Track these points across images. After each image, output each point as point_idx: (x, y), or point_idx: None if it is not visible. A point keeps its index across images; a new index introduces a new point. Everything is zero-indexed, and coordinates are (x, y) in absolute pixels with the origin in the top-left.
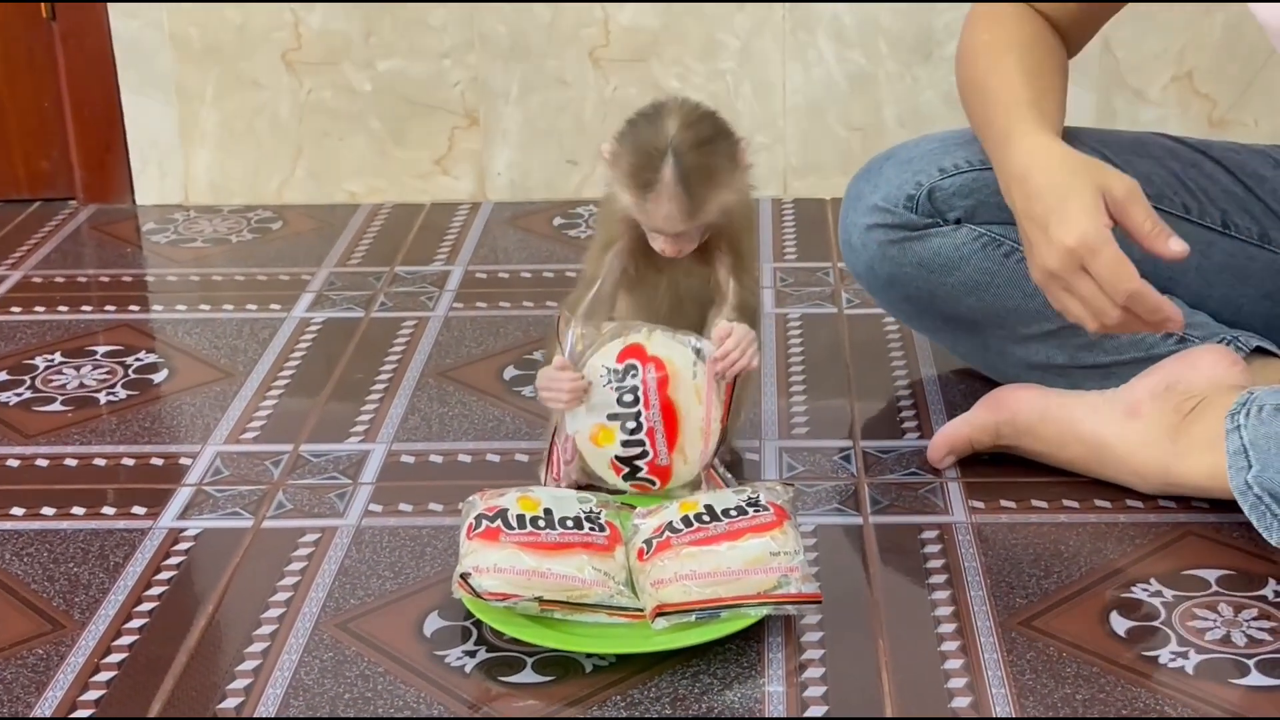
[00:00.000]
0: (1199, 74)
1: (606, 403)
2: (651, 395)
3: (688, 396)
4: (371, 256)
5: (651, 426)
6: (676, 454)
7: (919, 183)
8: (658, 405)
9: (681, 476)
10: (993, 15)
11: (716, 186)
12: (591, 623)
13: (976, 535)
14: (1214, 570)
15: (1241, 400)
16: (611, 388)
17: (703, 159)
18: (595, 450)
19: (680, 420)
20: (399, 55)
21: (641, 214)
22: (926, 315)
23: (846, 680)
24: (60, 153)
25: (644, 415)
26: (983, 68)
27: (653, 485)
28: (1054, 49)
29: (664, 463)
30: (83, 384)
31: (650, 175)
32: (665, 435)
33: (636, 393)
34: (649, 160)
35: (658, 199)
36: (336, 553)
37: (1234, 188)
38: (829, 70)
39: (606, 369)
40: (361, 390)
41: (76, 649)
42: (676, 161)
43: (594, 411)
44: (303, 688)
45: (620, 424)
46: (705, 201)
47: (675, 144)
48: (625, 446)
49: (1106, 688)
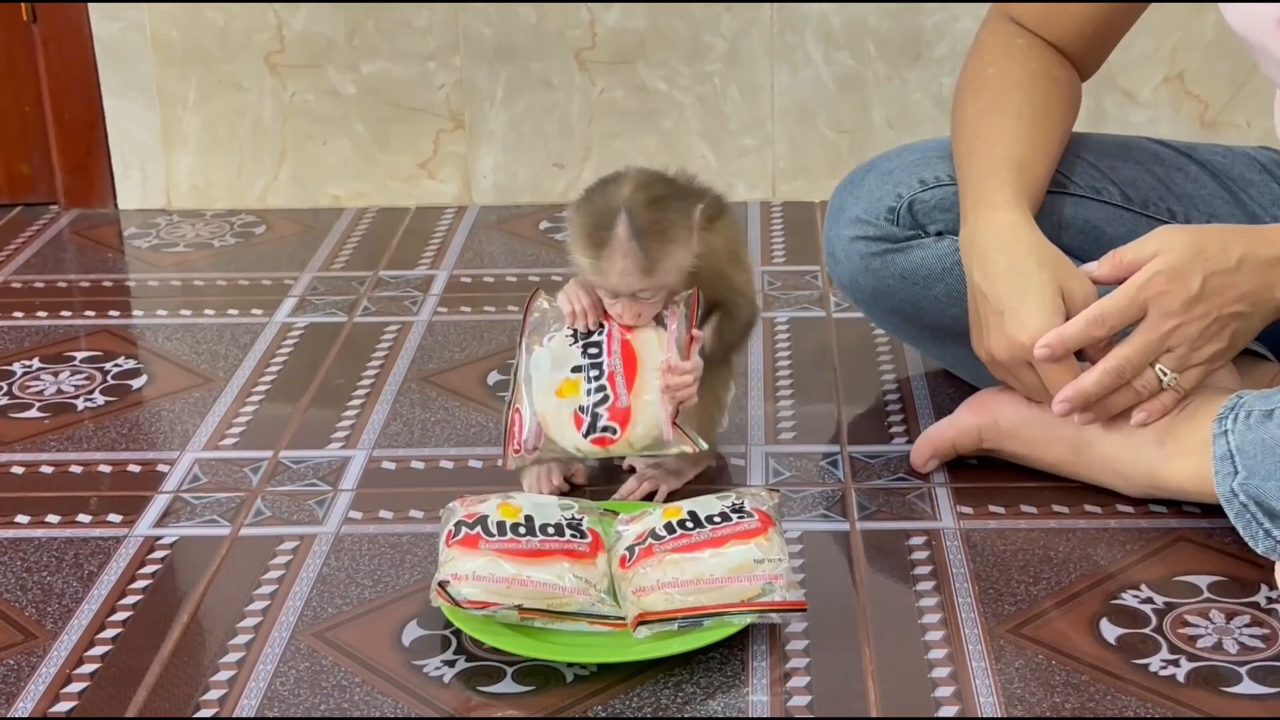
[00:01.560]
0: (1190, 75)
1: (571, 356)
2: (614, 342)
3: (648, 342)
4: (355, 261)
5: (612, 371)
6: (634, 397)
7: (899, 195)
8: (619, 351)
9: (641, 420)
10: (1002, 47)
11: (670, 243)
12: (572, 631)
13: (964, 541)
14: (1206, 576)
15: (1230, 404)
16: (578, 347)
17: (655, 215)
18: (558, 404)
19: (639, 363)
20: (383, 58)
21: (597, 274)
22: (912, 326)
23: (832, 689)
24: (41, 157)
25: (606, 363)
26: (981, 106)
27: (613, 435)
28: (1061, 85)
29: (624, 404)
30: (60, 390)
31: (604, 234)
32: (625, 377)
33: (601, 346)
34: (602, 219)
35: (611, 256)
36: (315, 560)
37: (1219, 192)
38: (817, 72)
39: (574, 330)
40: (343, 396)
41: (49, 659)
42: (629, 218)
43: (558, 367)
44: (278, 698)
45: (584, 374)
46: (660, 258)
47: (628, 203)
48: (588, 395)
49: (1096, 696)
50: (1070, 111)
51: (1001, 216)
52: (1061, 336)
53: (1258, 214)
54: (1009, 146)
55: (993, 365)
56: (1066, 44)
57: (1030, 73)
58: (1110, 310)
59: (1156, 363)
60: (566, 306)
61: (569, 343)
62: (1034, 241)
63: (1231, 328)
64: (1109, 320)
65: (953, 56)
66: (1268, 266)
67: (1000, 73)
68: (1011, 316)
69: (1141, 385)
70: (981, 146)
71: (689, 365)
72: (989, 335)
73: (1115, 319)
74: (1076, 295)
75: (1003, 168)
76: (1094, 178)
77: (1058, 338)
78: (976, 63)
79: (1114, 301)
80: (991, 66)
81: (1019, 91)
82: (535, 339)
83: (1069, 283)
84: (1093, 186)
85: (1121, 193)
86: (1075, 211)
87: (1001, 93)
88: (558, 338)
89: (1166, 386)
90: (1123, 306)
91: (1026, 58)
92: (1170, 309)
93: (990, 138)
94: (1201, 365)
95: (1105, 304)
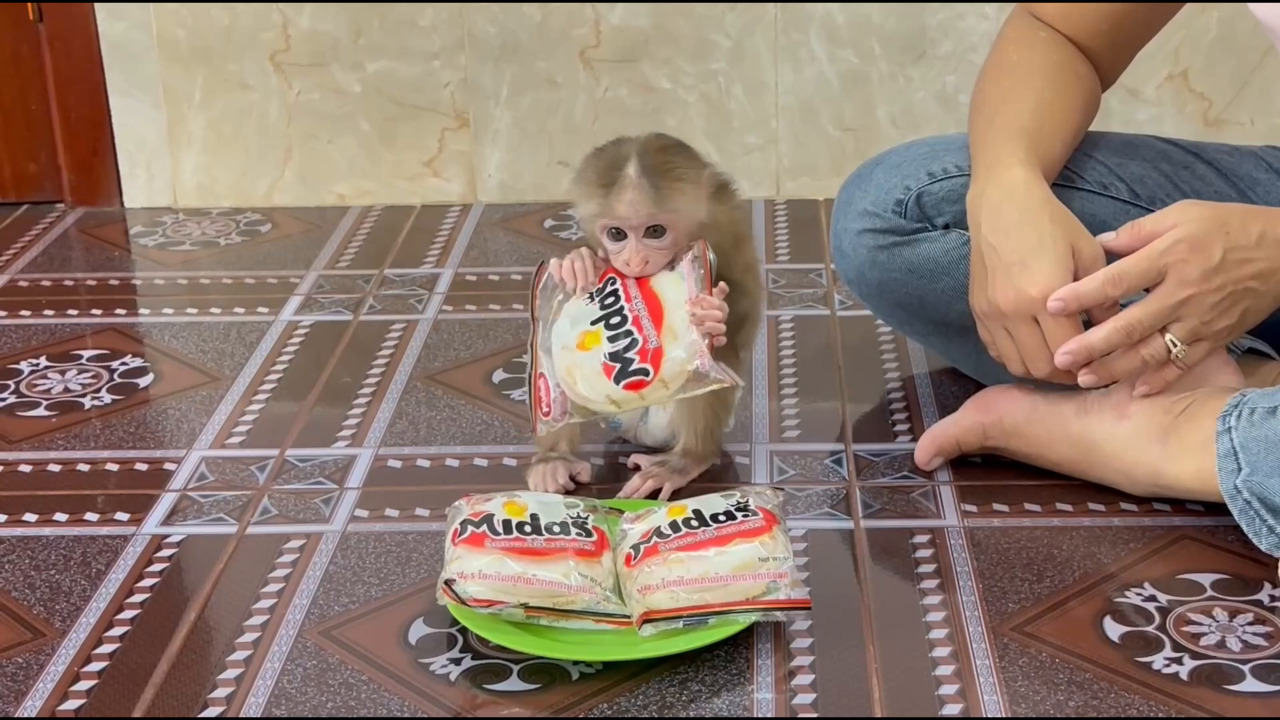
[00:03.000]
0: (1194, 72)
1: (589, 312)
2: (632, 290)
3: (669, 285)
4: (360, 259)
5: (636, 315)
6: (665, 334)
7: (907, 187)
8: (639, 296)
9: (674, 357)
10: (1027, 39)
11: (680, 180)
12: (578, 629)
13: (968, 539)
14: (1209, 574)
15: (1234, 402)
16: (597, 303)
17: (666, 157)
18: (583, 357)
19: (664, 304)
20: (388, 56)
21: (606, 213)
22: (917, 321)
23: (836, 687)
24: (47, 155)
25: (627, 307)
26: (1003, 90)
27: (647, 377)
28: (1082, 79)
29: (654, 344)
30: (67, 389)
31: (614, 173)
32: (651, 319)
33: (617, 294)
34: (613, 163)
35: (621, 190)
36: (321, 559)
37: (1226, 190)
38: (821, 70)
39: (588, 294)
40: (349, 394)
41: (57, 657)
42: (640, 159)
43: (578, 322)
44: (285, 696)
45: (604, 322)
46: (670, 194)
47: (639, 148)
48: (612, 341)
49: (1100, 694)
50: (1089, 104)
51: (1016, 173)
52: (1077, 292)
53: None
54: (1025, 121)
55: (990, 318)
56: (1087, 42)
57: (1053, 63)
58: (1129, 270)
59: (1166, 331)
60: (564, 270)
61: (584, 302)
62: (1047, 198)
63: (1244, 304)
64: (1126, 280)
65: (956, 55)
66: None
67: (1024, 60)
68: (1022, 269)
69: (1149, 353)
70: (999, 121)
71: (716, 300)
72: (995, 287)
73: (1134, 280)
74: (1085, 254)
75: (1019, 136)
76: (1102, 174)
77: (1073, 293)
78: (1000, 52)
79: (1134, 262)
80: (1015, 55)
81: (1040, 77)
82: (554, 310)
83: (1079, 241)
84: (1100, 182)
85: (1129, 189)
86: (1082, 207)
87: (1025, 78)
88: (572, 300)
89: (1174, 358)
90: (1143, 268)
91: (1049, 49)
92: (1189, 277)
93: (1008, 113)
94: (1209, 340)
95: (1125, 264)
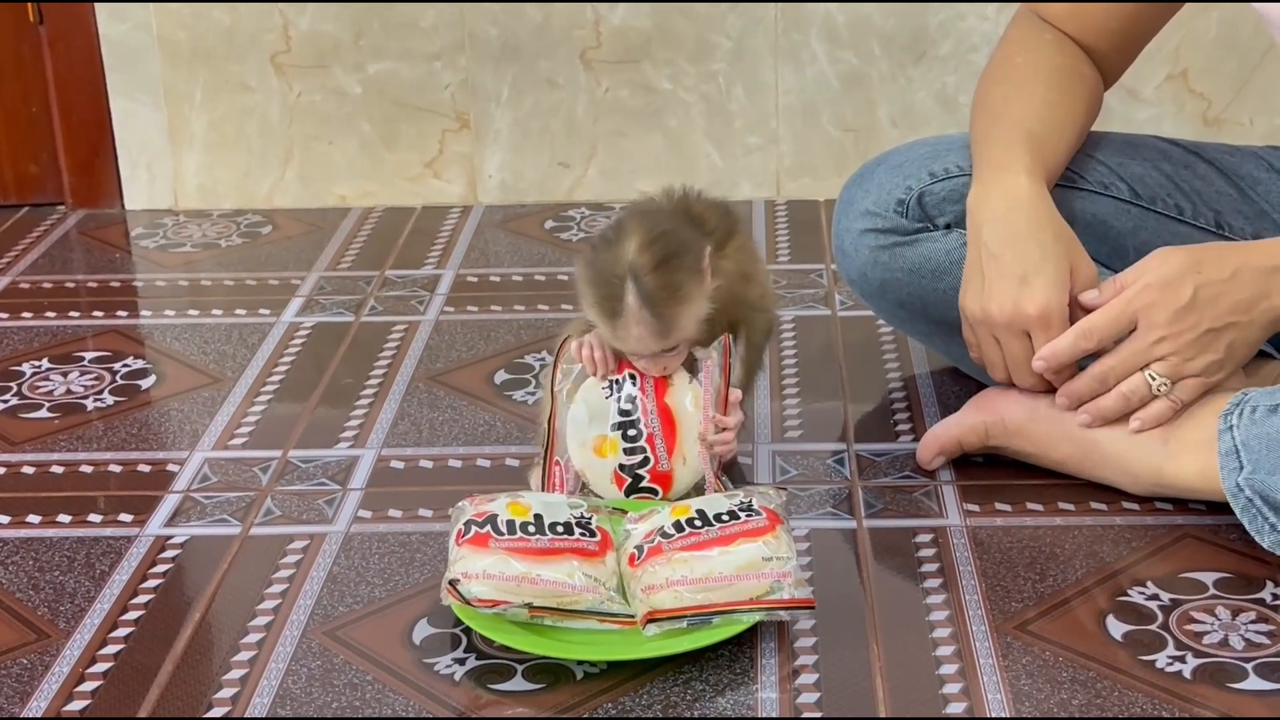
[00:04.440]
0: (1194, 73)
1: (607, 412)
2: (649, 401)
3: (684, 401)
4: (362, 260)
5: (651, 432)
6: (676, 458)
7: (909, 187)
8: (655, 411)
9: (683, 481)
10: (1032, 40)
11: (683, 303)
12: (582, 629)
13: (971, 538)
14: (1211, 573)
15: (1235, 400)
16: (614, 399)
17: (664, 279)
18: (598, 463)
19: (678, 424)
20: (389, 57)
21: (615, 340)
22: (919, 320)
23: (840, 685)
24: (48, 157)
25: (643, 421)
26: (1007, 91)
27: (655, 495)
28: (1086, 81)
29: (665, 468)
30: (70, 390)
31: (614, 304)
32: (664, 440)
33: (635, 400)
34: (611, 288)
35: (625, 325)
36: (325, 559)
37: (1227, 189)
38: (822, 70)
39: (608, 381)
40: (351, 395)
41: (61, 658)
42: (637, 286)
43: (595, 422)
44: (290, 696)
45: (621, 432)
46: (674, 319)
47: (634, 269)
48: (628, 455)
49: (1103, 692)
50: (1092, 106)
51: (1022, 182)
52: (1055, 350)
53: (1265, 210)
54: (1032, 124)
55: (980, 324)
56: (1093, 42)
57: (1057, 65)
58: (1099, 324)
59: (1147, 368)
60: (585, 356)
61: (604, 394)
62: (1052, 214)
63: (1227, 339)
64: (1097, 333)
65: (956, 55)
66: (1264, 275)
67: (1028, 62)
68: (1022, 285)
69: (1129, 390)
70: (1005, 122)
71: (732, 421)
72: (991, 297)
73: (1104, 332)
74: (1082, 276)
75: (1024, 140)
76: (1103, 174)
77: (1052, 351)
78: (1005, 52)
79: (1103, 315)
80: (1020, 56)
81: (1045, 79)
82: (572, 389)
83: (1079, 262)
84: (1101, 182)
85: (1130, 188)
86: (1084, 206)
87: (1028, 78)
88: (593, 388)
89: (1156, 393)
90: (1111, 319)
91: (1054, 51)
92: (1158, 320)
93: (1014, 115)
94: (1198, 376)
95: (1095, 318)
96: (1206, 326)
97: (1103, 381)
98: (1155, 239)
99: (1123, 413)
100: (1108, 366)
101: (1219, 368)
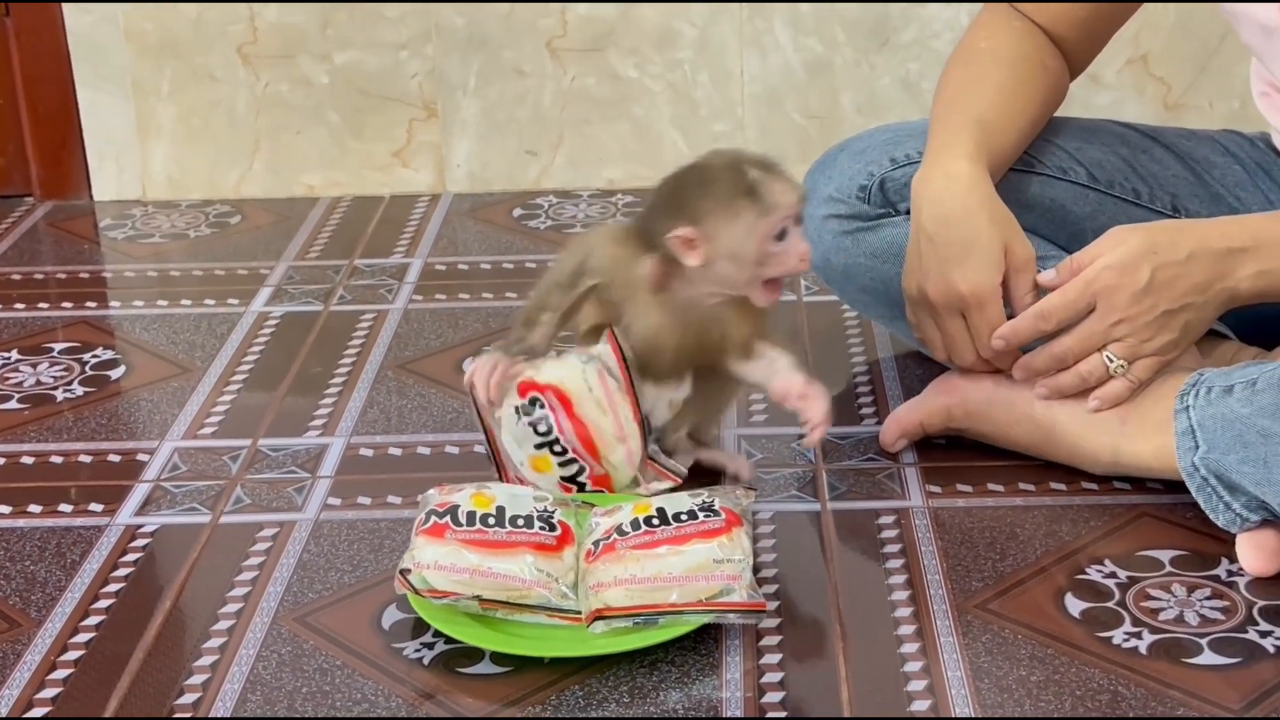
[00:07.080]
0: (1154, 57)
1: (528, 435)
2: (561, 419)
3: (592, 410)
4: (330, 250)
5: (573, 447)
6: (604, 462)
7: (871, 173)
8: (570, 427)
9: (622, 478)
10: (998, 27)
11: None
12: (532, 624)
13: (933, 519)
14: (1168, 551)
15: (1191, 381)
16: (526, 423)
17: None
18: (543, 478)
19: (594, 433)
20: (356, 47)
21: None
22: (882, 304)
23: (804, 666)
24: (16, 149)
25: (562, 440)
26: (965, 77)
27: (604, 493)
28: (1049, 71)
29: (600, 472)
30: (39, 381)
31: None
32: (587, 451)
33: (548, 420)
34: (730, 177)
35: (770, 184)
36: (295, 547)
37: (1184, 173)
38: (786, 58)
39: (515, 407)
40: (320, 384)
41: (33, 647)
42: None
43: (523, 444)
44: (260, 682)
45: (548, 449)
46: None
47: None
48: (563, 467)
49: (1061, 669)
50: (1051, 97)
51: (962, 166)
52: (1014, 329)
53: (1220, 194)
54: (983, 111)
55: (919, 305)
56: (1063, 32)
57: (1021, 54)
58: (1057, 306)
59: (1104, 350)
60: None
61: (515, 421)
62: (988, 196)
63: (1183, 319)
64: (1056, 314)
65: (919, 42)
66: (1219, 258)
67: (992, 48)
68: (955, 264)
69: (1087, 371)
70: (957, 108)
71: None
72: (928, 276)
73: (1062, 313)
74: (1018, 256)
75: (972, 125)
76: (1061, 158)
77: (1012, 331)
78: (972, 37)
79: (1062, 297)
80: (985, 41)
81: (1005, 68)
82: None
83: (1014, 242)
84: (1059, 167)
85: (1088, 173)
86: (1042, 190)
87: (989, 66)
88: (509, 418)
89: (1114, 374)
90: (1069, 301)
91: (1020, 40)
92: (1116, 303)
93: (968, 101)
94: (1155, 356)
95: (1053, 298)
96: (1164, 308)
97: (1060, 361)
98: (1113, 222)
99: (1079, 389)
100: (1065, 347)
101: (1174, 346)
